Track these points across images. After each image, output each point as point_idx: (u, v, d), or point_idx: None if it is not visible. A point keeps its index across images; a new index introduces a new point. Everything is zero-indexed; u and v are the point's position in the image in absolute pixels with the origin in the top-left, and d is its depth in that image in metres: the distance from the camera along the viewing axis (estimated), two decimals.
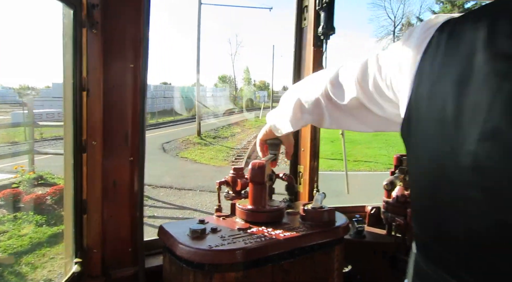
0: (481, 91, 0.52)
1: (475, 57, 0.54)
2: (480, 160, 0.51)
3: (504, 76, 0.50)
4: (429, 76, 0.62)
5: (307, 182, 1.57)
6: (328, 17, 1.38)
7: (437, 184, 0.60)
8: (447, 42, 0.61)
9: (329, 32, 1.40)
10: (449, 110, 0.57)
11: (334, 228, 1.11)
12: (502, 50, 0.52)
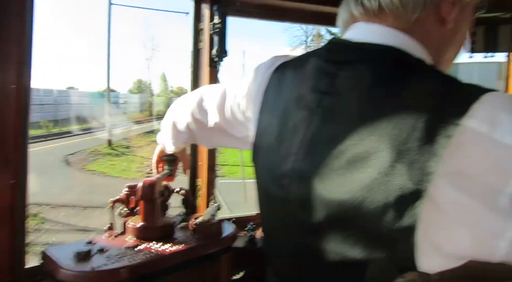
0: (294, 133, 0.67)
1: (291, 102, 0.70)
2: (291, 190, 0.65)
3: (307, 125, 0.65)
4: (267, 112, 0.75)
5: (204, 195, 1.64)
6: (221, 41, 1.49)
7: (270, 208, 0.73)
8: (278, 84, 0.75)
9: (222, 54, 1.51)
10: (274, 143, 0.71)
11: (221, 239, 1.20)
12: (306, 102, 0.67)
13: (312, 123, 0.63)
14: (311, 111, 0.64)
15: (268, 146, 0.72)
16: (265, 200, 0.76)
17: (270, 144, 0.71)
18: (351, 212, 0.55)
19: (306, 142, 0.64)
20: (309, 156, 0.62)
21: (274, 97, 0.74)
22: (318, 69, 0.67)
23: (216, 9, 1.44)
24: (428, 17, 0.63)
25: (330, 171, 0.58)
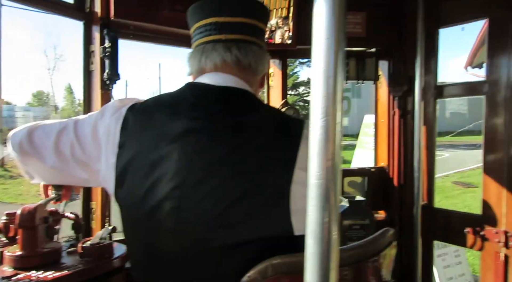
0: (166, 165, 0.77)
1: (162, 138, 0.80)
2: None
3: (179, 158, 0.76)
4: (130, 147, 0.83)
5: (99, 218, 1.62)
6: (112, 64, 1.52)
7: (144, 221, 0.80)
8: (142, 121, 0.84)
9: (114, 77, 1.54)
10: (144, 176, 0.80)
11: (111, 260, 1.22)
12: (177, 137, 0.79)
13: (183, 156, 0.75)
14: (181, 145, 0.75)
15: (138, 178, 0.79)
16: (137, 229, 0.82)
17: (140, 176, 0.78)
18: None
19: (179, 173, 0.74)
20: (183, 186, 0.73)
21: (139, 133, 0.81)
22: (185, 108, 0.79)
23: (106, 33, 1.47)
24: (250, 76, 0.90)
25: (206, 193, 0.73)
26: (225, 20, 0.84)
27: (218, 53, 0.83)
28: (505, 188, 1.89)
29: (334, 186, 0.50)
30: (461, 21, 2.00)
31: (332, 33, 0.49)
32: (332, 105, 0.50)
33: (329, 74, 0.49)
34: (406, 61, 2.16)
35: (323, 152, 0.50)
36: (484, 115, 1.96)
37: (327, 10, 0.50)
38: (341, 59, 0.50)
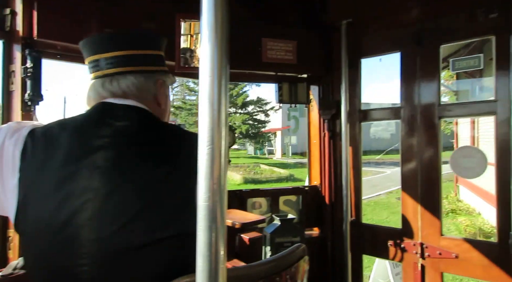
0: (73, 186, 0.78)
1: (69, 159, 0.81)
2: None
3: (87, 177, 0.78)
4: (32, 171, 0.82)
5: (16, 247, 1.51)
6: (35, 85, 1.47)
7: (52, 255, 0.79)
8: (45, 144, 0.84)
9: (37, 99, 1.48)
10: (51, 197, 0.79)
11: None
12: (84, 157, 0.80)
13: (93, 171, 0.79)
14: (91, 162, 0.77)
15: (44, 198, 0.78)
16: (46, 250, 0.80)
17: (46, 196, 0.78)
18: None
19: (89, 187, 0.76)
20: (95, 199, 0.77)
21: (43, 155, 0.81)
22: (92, 126, 0.82)
23: (29, 53, 1.43)
24: (150, 101, 0.98)
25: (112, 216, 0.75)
26: (102, 56, 0.94)
27: (105, 87, 0.93)
28: (419, 204, 2.09)
29: (221, 208, 0.55)
30: (379, 53, 2.23)
31: (215, 71, 0.55)
32: (217, 134, 0.55)
33: (214, 108, 0.55)
34: (333, 87, 2.34)
35: (209, 176, 0.54)
36: (400, 138, 2.17)
37: (211, 49, 0.55)
38: (224, 94, 0.56)
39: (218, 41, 0.55)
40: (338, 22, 2.15)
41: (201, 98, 0.55)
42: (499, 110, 1.77)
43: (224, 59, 0.56)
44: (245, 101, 29.55)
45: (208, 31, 0.55)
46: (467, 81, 8.59)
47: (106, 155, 0.81)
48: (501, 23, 1.69)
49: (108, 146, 0.82)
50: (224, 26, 0.56)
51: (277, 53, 2.17)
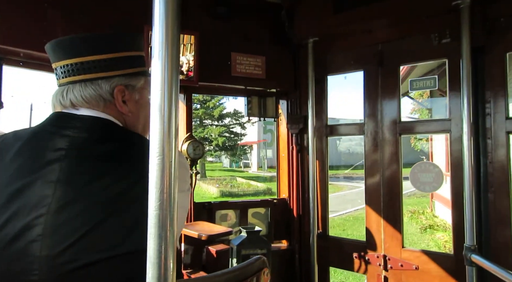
0: (23, 200, 0.77)
1: (19, 171, 0.80)
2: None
3: (35, 190, 0.76)
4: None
5: None
6: None
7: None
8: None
9: None
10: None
11: None
12: (34, 169, 0.79)
13: (47, 185, 0.76)
14: (44, 175, 0.76)
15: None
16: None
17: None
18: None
19: (42, 202, 0.74)
20: (47, 213, 0.74)
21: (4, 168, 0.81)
22: (48, 138, 0.80)
23: None
24: (113, 109, 0.93)
25: (64, 230, 0.73)
26: (57, 65, 0.91)
27: (62, 97, 0.90)
28: (382, 217, 2.16)
29: (170, 216, 0.57)
30: (344, 71, 2.32)
31: (166, 84, 0.57)
32: (167, 145, 0.57)
33: (164, 120, 0.57)
34: (301, 102, 2.40)
35: (159, 185, 0.56)
36: (364, 153, 2.25)
37: (161, 62, 0.57)
38: (175, 106, 0.58)
39: (169, 54, 0.57)
40: (305, 40, 2.23)
41: (153, 110, 0.57)
42: (452, 129, 1.88)
43: (175, 72, 0.58)
44: (222, 114, 29.52)
45: (159, 43, 0.57)
46: (441, 99, 8.97)
47: (59, 168, 0.78)
48: (452, 48, 1.81)
49: (62, 159, 0.80)
50: (175, 38, 0.57)
51: (246, 68, 2.22)
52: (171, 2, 0.56)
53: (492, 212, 1.77)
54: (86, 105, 0.90)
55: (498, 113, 1.72)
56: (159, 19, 0.57)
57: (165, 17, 0.56)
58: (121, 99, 0.93)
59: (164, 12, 0.56)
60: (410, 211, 10.00)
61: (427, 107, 11.35)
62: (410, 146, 17.03)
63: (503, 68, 1.70)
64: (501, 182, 1.74)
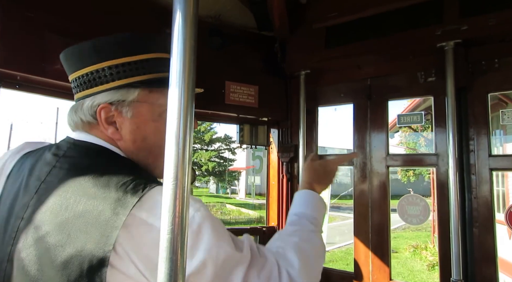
0: (16, 217, 0.76)
1: (20, 189, 0.80)
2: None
3: (26, 209, 0.76)
4: (4, 195, 0.83)
5: None
6: None
7: None
8: (19, 170, 0.86)
9: None
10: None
11: None
12: (29, 189, 0.79)
13: (30, 208, 0.73)
14: (31, 195, 0.75)
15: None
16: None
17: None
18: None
19: (23, 226, 0.72)
20: (26, 238, 0.71)
21: (12, 182, 0.81)
22: (44, 160, 0.80)
23: None
24: (101, 131, 0.81)
25: (39, 252, 0.68)
26: (72, 78, 0.83)
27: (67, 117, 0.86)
28: (370, 249, 2.16)
29: (182, 240, 0.58)
30: (335, 103, 2.39)
31: (182, 113, 0.60)
32: (181, 171, 0.59)
33: (179, 147, 0.60)
34: (292, 131, 2.45)
35: (172, 209, 0.58)
36: (353, 184, 2.28)
37: (179, 92, 0.60)
38: (189, 134, 0.61)
39: (186, 83, 0.60)
40: (297, 72, 2.31)
41: (168, 137, 0.60)
42: (439, 163, 1.93)
43: (190, 100, 0.61)
44: (213, 138, 29.53)
45: (177, 73, 0.60)
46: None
47: (47, 199, 0.72)
48: (437, 86, 1.90)
49: (47, 184, 0.74)
50: (191, 68, 0.61)
51: (239, 96, 2.27)
52: (189, 36, 0.61)
53: (477, 247, 1.79)
54: (76, 127, 0.84)
55: (481, 151, 1.79)
56: (177, 50, 0.61)
57: (183, 48, 0.61)
58: (105, 120, 0.79)
59: (182, 43, 0.61)
60: (412, 245, 9.76)
61: (413, 140, 11.61)
62: (397, 178, 17.08)
63: (486, 108, 1.78)
64: (485, 217, 1.78)
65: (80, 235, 0.65)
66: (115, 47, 0.79)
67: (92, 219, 0.65)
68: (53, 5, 1.62)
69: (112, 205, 0.66)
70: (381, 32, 1.98)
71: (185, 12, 0.61)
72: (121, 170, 0.73)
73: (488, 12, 1.64)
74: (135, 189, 0.67)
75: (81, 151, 0.78)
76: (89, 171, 0.71)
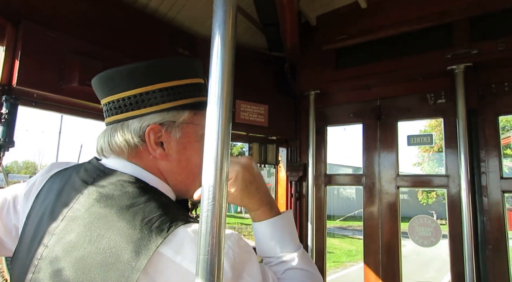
0: (41, 239, 0.76)
1: (47, 211, 0.80)
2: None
3: (53, 234, 0.75)
4: (31, 215, 0.83)
5: None
6: (8, 131, 1.45)
7: None
8: (48, 190, 0.86)
9: (8, 145, 1.46)
10: (25, 248, 0.79)
11: None
12: (55, 213, 0.78)
13: (54, 236, 0.73)
14: (57, 222, 0.74)
15: (21, 249, 0.77)
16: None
17: (22, 248, 0.77)
18: None
19: (46, 255, 0.72)
20: (47, 268, 0.70)
21: (41, 202, 0.81)
22: (72, 185, 0.79)
23: (6, 100, 1.43)
24: (143, 156, 0.80)
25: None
26: (106, 101, 0.82)
27: (99, 141, 0.84)
28: (381, 269, 2.14)
29: (218, 261, 0.58)
30: (344, 123, 2.41)
31: (219, 135, 0.61)
32: (219, 192, 0.60)
33: (217, 167, 0.60)
34: (301, 150, 2.46)
35: (209, 230, 0.58)
36: (363, 204, 2.27)
37: (216, 117, 0.62)
38: (226, 155, 0.61)
39: (224, 104, 0.62)
40: (307, 92, 2.34)
41: (206, 158, 0.61)
42: (450, 184, 1.93)
43: (227, 120, 0.62)
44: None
45: (216, 95, 0.62)
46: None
47: (72, 230, 0.70)
48: (447, 108, 1.92)
49: (74, 211, 0.73)
50: (229, 91, 0.63)
51: (249, 115, 2.29)
52: (227, 58, 0.63)
53: (490, 270, 1.77)
54: (113, 153, 0.81)
55: (493, 173, 1.79)
56: (216, 73, 0.63)
57: (221, 71, 0.63)
58: (154, 141, 0.79)
59: (220, 67, 0.63)
60: None
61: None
62: (417, 200, 16.18)
63: (496, 130, 1.80)
64: (498, 240, 1.77)
65: (100, 272, 0.63)
66: (166, 71, 0.81)
67: (113, 258, 0.63)
68: (72, 25, 1.67)
69: (134, 244, 0.64)
70: (391, 54, 2.01)
71: (224, 40, 0.63)
72: (149, 203, 0.71)
73: (498, 36, 1.68)
74: (160, 227, 0.65)
75: (111, 180, 0.76)
76: (116, 204, 0.70)
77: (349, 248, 12.95)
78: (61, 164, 0.93)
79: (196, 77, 0.85)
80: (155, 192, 0.77)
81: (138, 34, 1.93)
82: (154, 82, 0.79)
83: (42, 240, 0.74)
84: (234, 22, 0.65)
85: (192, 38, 2.22)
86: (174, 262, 0.63)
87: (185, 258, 0.62)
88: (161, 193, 0.78)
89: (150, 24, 2.00)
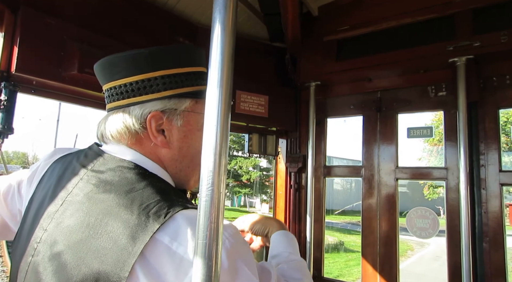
0: (41, 222, 0.76)
1: (47, 195, 0.80)
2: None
3: (52, 217, 0.76)
4: (34, 199, 0.84)
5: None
6: (7, 118, 1.44)
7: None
8: (50, 175, 0.85)
9: (7, 132, 1.45)
10: (25, 232, 0.80)
11: None
12: (55, 197, 0.78)
13: (54, 221, 0.73)
14: (56, 206, 0.74)
15: (22, 233, 0.78)
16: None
17: (24, 232, 0.78)
18: None
19: (45, 238, 0.72)
20: (46, 251, 0.71)
21: (43, 187, 0.82)
22: (72, 170, 0.79)
23: (5, 86, 1.42)
24: (143, 144, 0.80)
25: (56, 268, 0.67)
26: (108, 87, 0.82)
27: (99, 127, 0.83)
28: (378, 261, 2.15)
29: (216, 246, 0.59)
30: (344, 115, 2.41)
31: (219, 121, 0.62)
32: (217, 178, 0.60)
33: (216, 152, 0.61)
34: (301, 142, 2.46)
35: (208, 215, 0.59)
36: (361, 196, 2.28)
37: (217, 103, 0.63)
38: (225, 142, 0.62)
39: (223, 92, 0.63)
40: (307, 83, 2.33)
41: (205, 144, 0.62)
42: (449, 177, 1.94)
43: (226, 112, 0.63)
44: None
45: (216, 82, 0.63)
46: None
47: (71, 214, 0.71)
48: (448, 100, 1.92)
49: (73, 196, 0.74)
50: (229, 78, 0.63)
51: (249, 106, 2.29)
52: (227, 46, 0.63)
53: (487, 262, 1.79)
54: (113, 139, 0.81)
55: (492, 166, 1.80)
56: (216, 62, 0.63)
57: (221, 60, 0.63)
58: (155, 128, 0.78)
59: (220, 54, 0.63)
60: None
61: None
62: (423, 195, 15.61)
63: (496, 123, 1.79)
64: (495, 232, 1.78)
65: (96, 256, 0.64)
66: (169, 58, 0.80)
67: (110, 243, 0.63)
68: (72, 13, 1.65)
69: (132, 229, 0.64)
70: (393, 46, 2.00)
71: (224, 28, 0.63)
72: (147, 189, 0.71)
73: (501, 29, 1.67)
74: (157, 213, 0.65)
75: (110, 166, 0.76)
76: (114, 189, 0.70)
77: None
78: (64, 149, 0.93)
79: (200, 66, 0.85)
80: (154, 178, 0.77)
81: (138, 23, 1.92)
82: (157, 69, 0.79)
83: (42, 224, 0.74)
84: (235, 12, 0.65)
85: (192, 27, 2.20)
86: (170, 249, 0.63)
87: (181, 245, 0.62)
88: (160, 179, 0.78)
89: (150, 13, 1.98)
